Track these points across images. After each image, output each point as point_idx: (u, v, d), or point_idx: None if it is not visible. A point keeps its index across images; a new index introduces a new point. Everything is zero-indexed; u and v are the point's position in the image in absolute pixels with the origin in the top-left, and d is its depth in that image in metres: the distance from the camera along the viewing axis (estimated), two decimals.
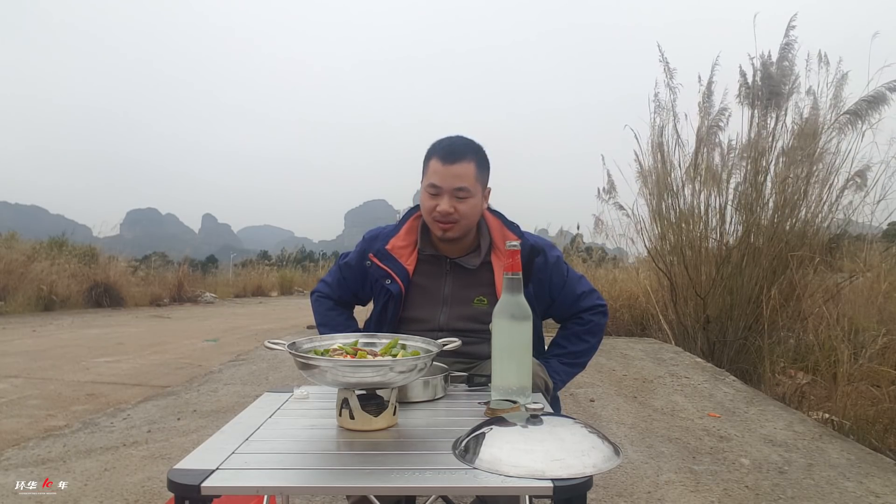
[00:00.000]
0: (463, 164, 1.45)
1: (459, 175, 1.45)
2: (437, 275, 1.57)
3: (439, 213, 1.46)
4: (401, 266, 1.55)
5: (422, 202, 1.52)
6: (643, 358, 4.81)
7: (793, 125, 4.77)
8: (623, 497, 2.12)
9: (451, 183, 1.45)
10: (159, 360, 5.25)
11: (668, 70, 5.28)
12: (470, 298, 1.54)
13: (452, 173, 1.45)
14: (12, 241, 10.80)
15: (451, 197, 1.45)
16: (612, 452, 0.87)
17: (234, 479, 0.82)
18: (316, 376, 1.02)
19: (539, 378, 1.41)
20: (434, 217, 1.48)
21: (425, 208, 1.50)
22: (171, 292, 12.13)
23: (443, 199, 1.45)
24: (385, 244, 1.57)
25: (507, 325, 1.11)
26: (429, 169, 1.49)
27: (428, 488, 0.88)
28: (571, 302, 1.60)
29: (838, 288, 4.54)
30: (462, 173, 1.45)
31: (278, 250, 22.57)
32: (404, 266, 1.55)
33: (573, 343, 1.60)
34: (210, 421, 3.06)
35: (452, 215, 1.46)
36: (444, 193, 1.46)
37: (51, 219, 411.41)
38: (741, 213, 4.89)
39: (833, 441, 2.75)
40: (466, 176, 1.46)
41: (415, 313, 1.55)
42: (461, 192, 1.46)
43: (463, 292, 1.54)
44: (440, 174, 1.45)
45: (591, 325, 1.61)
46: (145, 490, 2.16)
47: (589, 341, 1.61)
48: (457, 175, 1.45)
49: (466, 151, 1.47)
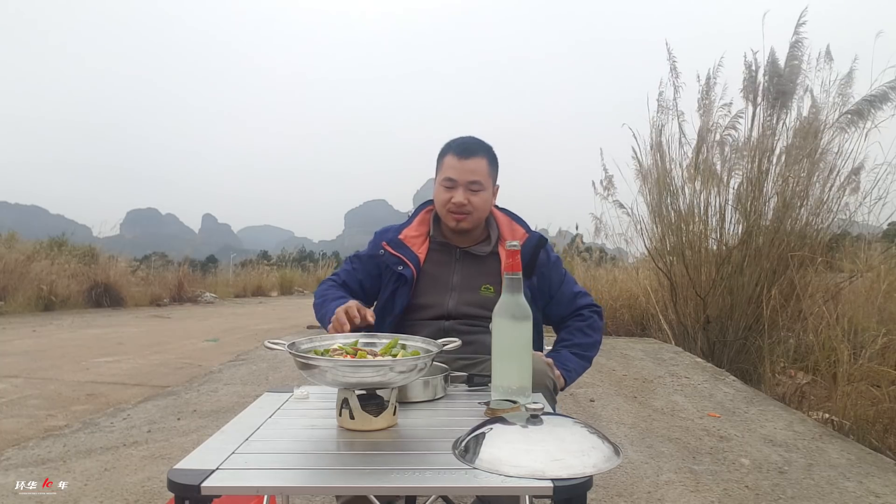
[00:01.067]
0: (476, 159, 1.57)
1: (473, 170, 1.56)
2: (446, 262, 1.65)
3: (454, 204, 1.56)
4: (413, 253, 1.63)
5: (436, 195, 1.63)
6: (643, 358, 4.81)
7: (796, 123, 4.76)
8: (623, 497, 2.12)
9: (466, 177, 1.56)
10: (159, 360, 5.25)
11: (675, 68, 5.26)
12: (477, 286, 1.60)
13: (467, 168, 1.56)
14: (12, 241, 10.79)
15: (465, 190, 1.56)
16: (612, 452, 0.87)
17: (234, 479, 0.82)
18: (316, 376, 1.02)
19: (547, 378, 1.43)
20: (448, 208, 1.58)
21: (440, 200, 1.60)
22: (171, 292, 12.12)
23: (458, 192, 1.56)
24: (398, 234, 1.66)
25: (507, 325, 1.11)
26: (444, 164, 1.59)
27: (428, 488, 0.88)
28: (569, 300, 1.67)
29: (838, 288, 4.54)
30: (476, 168, 1.57)
31: (278, 250, 22.56)
32: (416, 253, 1.63)
33: (578, 336, 1.65)
34: (210, 421, 3.06)
35: (466, 206, 1.56)
36: (458, 186, 1.56)
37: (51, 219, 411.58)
38: (742, 213, 4.89)
39: (833, 441, 2.75)
40: (480, 171, 1.57)
41: (423, 300, 1.61)
42: (475, 185, 1.57)
43: (471, 280, 1.62)
44: (456, 168, 1.56)
45: (591, 321, 1.66)
46: (145, 490, 2.16)
47: (592, 336, 1.65)
48: (471, 169, 1.56)
49: (479, 149, 1.59)
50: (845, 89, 4.68)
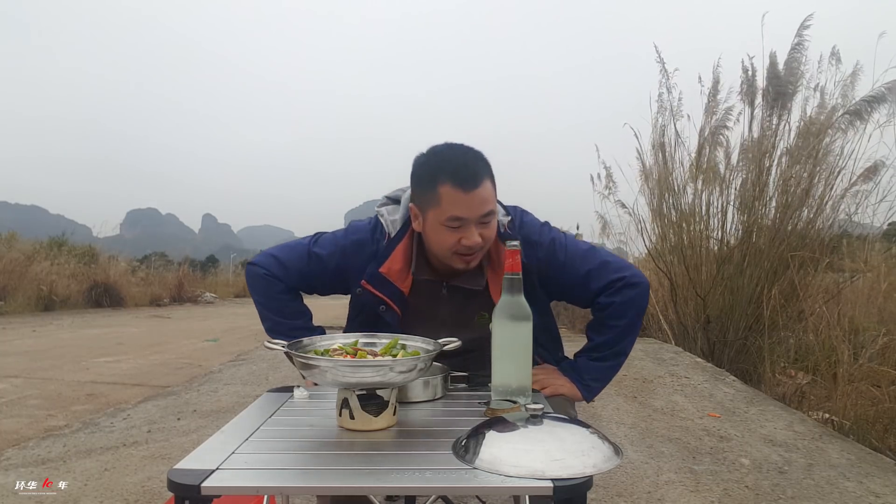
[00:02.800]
0: (484, 185, 1.25)
1: (484, 199, 1.24)
2: (433, 297, 1.41)
3: (466, 247, 1.26)
4: (396, 289, 1.37)
5: (435, 237, 1.29)
6: (643, 358, 4.81)
7: (799, 123, 4.77)
8: (623, 497, 2.12)
9: (479, 210, 1.24)
10: (159, 360, 5.26)
11: (666, 72, 5.29)
12: (471, 319, 1.40)
13: (478, 199, 1.24)
14: (12, 241, 10.80)
15: (477, 225, 1.26)
16: (612, 452, 0.87)
17: (234, 479, 0.82)
18: (316, 376, 1.01)
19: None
20: (457, 251, 1.28)
21: (443, 244, 1.28)
22: (171, 292, 12.13)
23: (468, 231, 1.25)
24: (378, 267, 1.36)
25: (507, 325, 1.11)
26: (442, 199, 1.24)
27: (428, 488, 0.87)
28: (581, 285, 1.38)
29: (839, 288, 4.54)
30: (487, 197, 1.25)
31: None
32: (399, 288, 1.37)
33: (598, 333, 1.41)
34: (210, 421, 3.06)
35: (479, 245, 1.26)
36: (469, 224, 1.25)
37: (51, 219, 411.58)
38: (743, 213, 4.89)
39: (833, 441, 2.75)
40: (490, 198, 1.26)
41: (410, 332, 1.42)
42: (487, 216, 1.26)
43: (462, 314, 1.41)
44: (464, 204, 1.23)
45: (611, 309, 1.37)
46: (145, 490, 2.16)
47: (615, 326, 1.38)
48: (483, 199, 1.24)
49: (482, 169, 1.27)
50: (848, 91, 4.69)
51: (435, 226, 1.27)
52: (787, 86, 4.71)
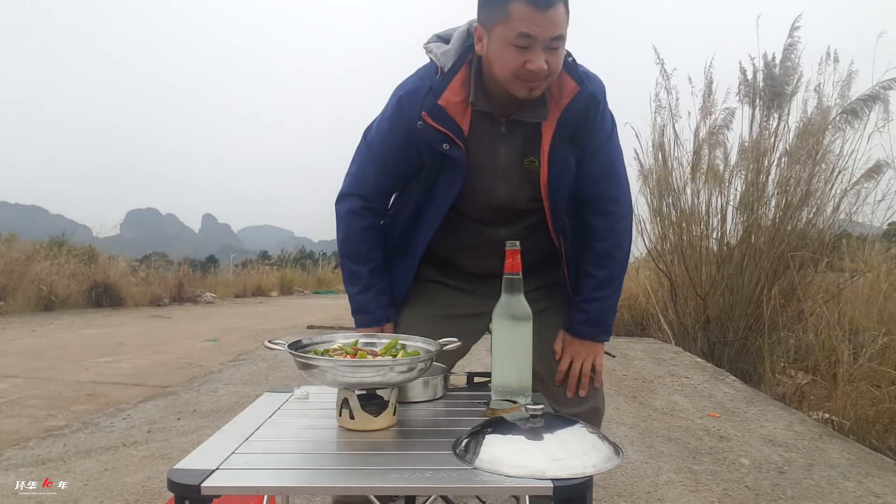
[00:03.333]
0: (558, 7, 1.17)
1: (556, 22, 1.17)
2: (491, 136, 1.33)
3: (531, 70, 1.19)
4: (457, 126, 1.28)
5: (500, 57, 1.21)
6: (643, 358, 4.81)
7: (799, 123, 4.78)
8: (623, 497, 2.12)
9: (548, 32, 1.17)
10: (159, 360, 5.25)
11: (665, 72, 5.28)
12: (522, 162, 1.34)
13: (550, 20, 1.16)
14: (12, 241, 10.80)
15: (544, 50, 1.19)
16: (612, 452, 0.87)
17: (234, 479, 0.82)
18: (316, 376, 1.02)
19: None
20: (520, 75, 1.21)
21: (510, 65, 1.20)
22: (171, 292, 12.12)
23: (535, 53, 1.18)
24: (437, 98, 1.28)
25: (508, 325, 1.11)
26: (512, 14, 1.16)
27: (428, 488, 0.88)
28: (590, 178, 1.37)
29: (839, 288, 4.55)
30: (557, 19, 1.18)
31: (278, 250, 22.56)
32: (459, 125, 1.29)
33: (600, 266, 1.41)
34: (210, 421, 3.06)
35: (545, 71, 1.20)
36: (536, 46, 1.18)
37: (51, 219, 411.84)
38: (743, 213, 4.90)
39: (833, 441, 2.75)
40: (561, 21, 1.19)
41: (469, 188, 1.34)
42: (557, 41, 1.19)
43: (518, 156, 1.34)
44: (535, 21, 1.16)
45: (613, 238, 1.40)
46: (145, 490, 2.16)
47: (615, 256, 1.41)
48: (553, 22, 1.17)
49: None
50: (845, 90, 4.69)
51: (501, 44, 1.20)
52: (783, 86, 4.72)
